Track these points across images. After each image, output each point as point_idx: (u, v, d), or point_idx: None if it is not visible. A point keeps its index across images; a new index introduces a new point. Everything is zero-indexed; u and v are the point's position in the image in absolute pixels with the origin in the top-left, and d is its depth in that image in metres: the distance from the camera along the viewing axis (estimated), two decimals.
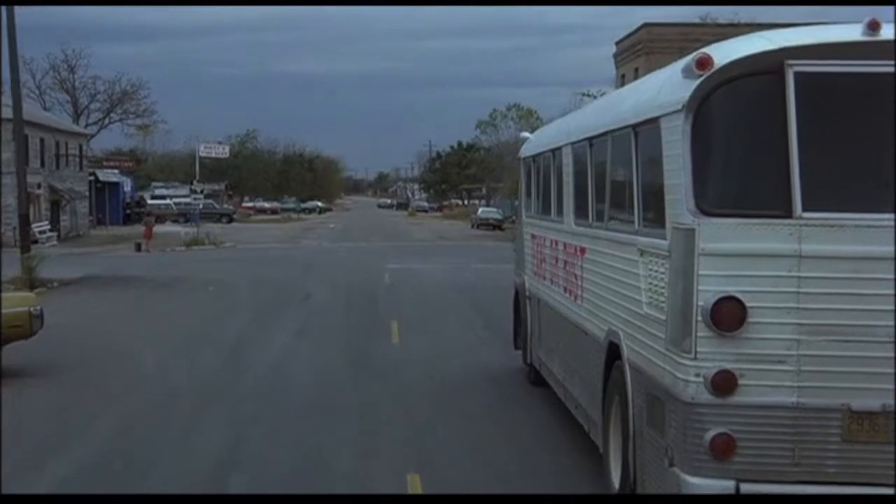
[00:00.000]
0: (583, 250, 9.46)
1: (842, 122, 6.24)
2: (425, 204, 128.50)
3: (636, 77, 53.74)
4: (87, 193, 59.94)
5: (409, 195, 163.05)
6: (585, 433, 9.50)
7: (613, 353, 7.95)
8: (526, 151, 14.19)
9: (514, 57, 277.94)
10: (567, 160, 10.43)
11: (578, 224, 9.76)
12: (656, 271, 6.81)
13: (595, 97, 60.78)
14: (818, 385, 6.15)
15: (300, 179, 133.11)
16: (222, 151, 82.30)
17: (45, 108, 70.67)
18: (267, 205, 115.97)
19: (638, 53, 50.68)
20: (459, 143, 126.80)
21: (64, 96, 78.20)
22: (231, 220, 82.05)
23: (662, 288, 6.63)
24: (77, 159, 58.23)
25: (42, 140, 52.15)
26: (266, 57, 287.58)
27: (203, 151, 79.06)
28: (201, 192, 50.36)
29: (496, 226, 73.25)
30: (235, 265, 34.62)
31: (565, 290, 10.41)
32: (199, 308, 22.29)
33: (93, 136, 75.46)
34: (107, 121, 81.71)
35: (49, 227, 50.58)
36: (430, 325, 19.06)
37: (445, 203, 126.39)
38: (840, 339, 6.12)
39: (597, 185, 9.04)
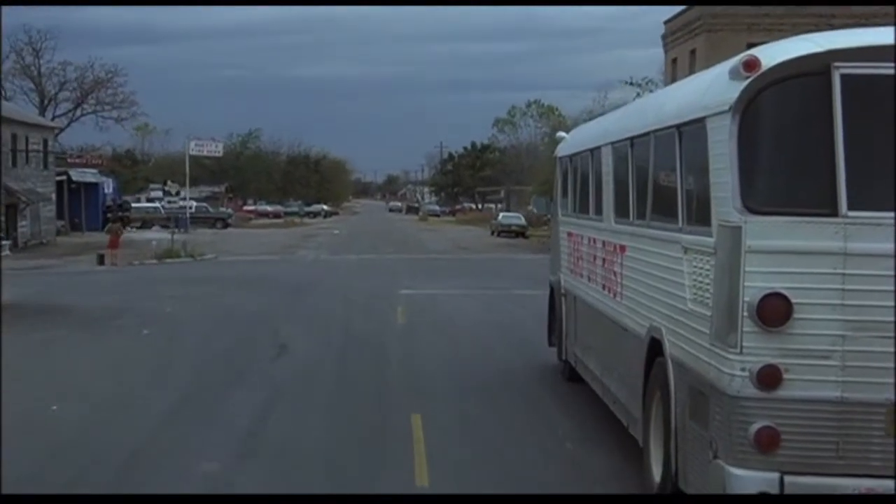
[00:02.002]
0: (623, 248, 9.82)
1: (887, 123, 6.42)
2: (437, 208, 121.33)
3: (692, 61, 45.97)
4: (52, 195, 51.27)
5: (419, 198, 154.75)
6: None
7: (655, 348, 8.22)
8: (562, 151, 14.55)
9: (527, 60, 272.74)
10: (607, 159, 10.80)
11: (619, 222, 10.15)
12: (701, 268, 7.12)
13: (640, 85, 53.07)
14: (862, 380, 6.39)
15: (305, 182, 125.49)
16: (215, 149, 74.28)
17: (5, 97, 61.97)
18: (269, 208, 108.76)
19: (695, 32, 42.56)
20: (473, 144, 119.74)
21: (28, 84, 69.19)
22: (227, 226, 74.84)
23: (708, 284, 6.95)
24: (41, 156, 49.43)
25: None
26: (275, 60, 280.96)
27: (194, 149, 70.88)
28: (176, 193, 42.78)
29: (519, 233, 65.38)
30: (203, 288, 28.97)
31: (604, 287, 10.78)
32: (108, 374, 15.37)
33: (61, 129, 67.47)
34: (78, 112, 73.12)
35: (2, 234, 41.97)
36: (480, 429, 11.68)
37: (458, 207, 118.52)
38: (884, 335, 6.35)
39: (638, 183, 9.37)
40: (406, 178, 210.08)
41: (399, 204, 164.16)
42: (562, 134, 15.83)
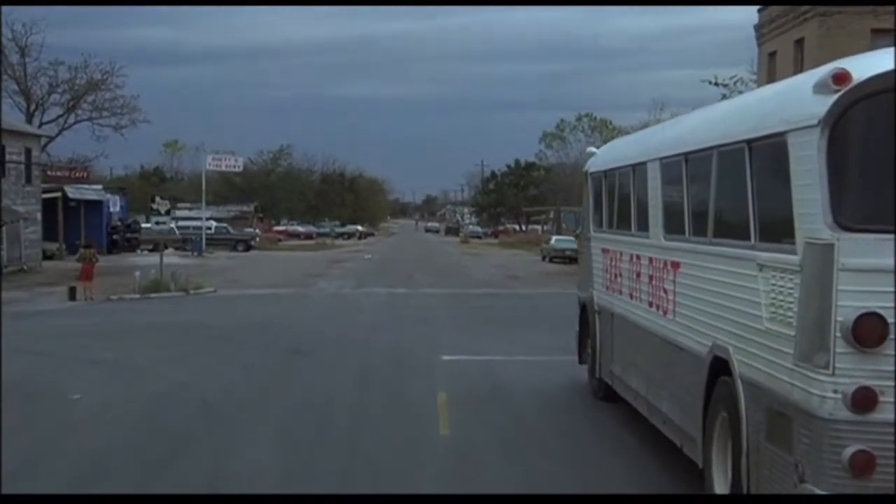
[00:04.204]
0: (676, 265, 9.44)
1: None
2: (479, 229, 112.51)
3: (797, 53, 36.87)
4: (38, 214, 43.13)
5: (459, 219, 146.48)
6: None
7: (719, 368, 7.86)
8: (594, 167, 14.05)
9: (570, 80, 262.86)
10: (653, 175, 10.44)
11: (670, 239, 9.80)
12: (782, 286, 6.77)
13: (726, 85, 44.87)
14: None
15: (340, 201, 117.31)
16: (235, 164, 66.22)
17: None
18: (301, 229, 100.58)
19: (804, 17, 32.98)
20: (517, 162, 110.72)
21: (12, 86, 60.64)
22: (249, 248, 65.93)
23: (790, 303, 6.62)
24: (23, 168, 41.25)
25: None
26: (313, 80, 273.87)
27: (211, 164, 62.80)
28: (166, 212, 33.66)
29: (574, 259, 55.57)
30: (165, 346, 19.97)
31: (651, 304, 10.35)
32: None
33: (51, 138, 58.58)
34: (72, 118, 64.16)
35: None
36: None
37: (501, 228, 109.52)
38: None
39: (695, 200, 9.06)
40: (445, 198, 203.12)
41: (437, 224, 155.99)
42: (592, 149, 15.43)
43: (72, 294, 32.21)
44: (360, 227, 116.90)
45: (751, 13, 42.08)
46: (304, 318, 25.48)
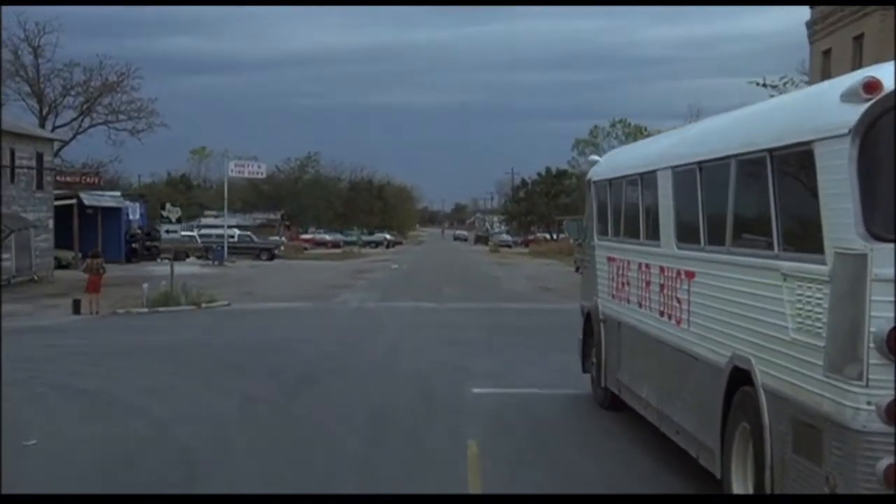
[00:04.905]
0: (690, 274, 9.27)
1: None
2: (509, 238, 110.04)
3: (856, 50, 34.08)
4: (49, 221, 41.08)
5: (489, 227, 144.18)
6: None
7: (739, 378, 7.68)
8: (598, 175, 13.87)
9: (601, 89, 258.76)
10: (664, 183, 10.26)
11: (683, 248, 9.63)
12: (810, 296, 6.60)
13: (776, 87, 42.50)
14: None
15: (368, 209, 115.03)
16: (258, 171, 64.30)
17: None
18: (328, 237, 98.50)
19: (864, 12, 30.48)
20: (548, 170, 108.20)
21: (24, 88, 58.56)
22: (273, 257, 63.75)
23: (818, 313, 6.45)
24: (33, 173, 39.18)
25: None
26: (346, 88, 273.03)
27: (234, 171, 60.71)
28: (177, 220, 31.55)
29: None
30: (160, 373, 17.40)
31: (662, 313, 10.16)
32: None
33: (65, 142, 56.66)
34: (87, 122, 61.95)
35: None
36: None
37: (532, 237, 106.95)
38: None
39: (711, 209, 8.91)
40: (475, 206, 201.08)
41: (465, 233, 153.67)
42: (594, 157, 15.42)
43: (76, 307, 30.08)
44: (387, 236, 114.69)
45: (790, 20, 39.70)
46: (320, 337, 23.02)
